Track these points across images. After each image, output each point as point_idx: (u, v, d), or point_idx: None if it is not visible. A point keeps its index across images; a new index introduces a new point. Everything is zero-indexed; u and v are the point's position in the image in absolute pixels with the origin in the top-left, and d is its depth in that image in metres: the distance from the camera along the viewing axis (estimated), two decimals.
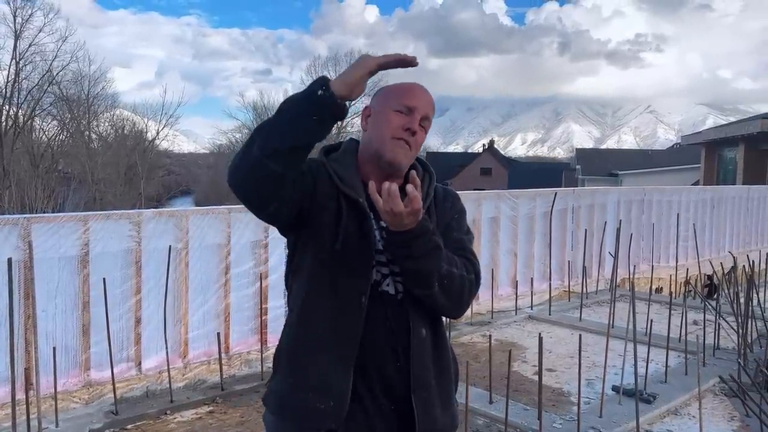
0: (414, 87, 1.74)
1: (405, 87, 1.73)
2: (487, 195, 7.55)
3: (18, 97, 33.60)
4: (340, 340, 1.65)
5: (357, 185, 1.70)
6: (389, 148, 1.68)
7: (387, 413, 1.68)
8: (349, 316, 1.64)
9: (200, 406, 4.45)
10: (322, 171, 1.71)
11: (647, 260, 8.90)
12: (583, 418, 4.07)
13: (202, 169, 53.56)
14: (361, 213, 1.67)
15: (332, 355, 1.65)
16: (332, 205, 1.67)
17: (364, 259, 1.66)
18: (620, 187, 14.90)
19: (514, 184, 41.64)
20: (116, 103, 42.95)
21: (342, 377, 1.64)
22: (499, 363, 4.71)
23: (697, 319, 6.23)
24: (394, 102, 1.70)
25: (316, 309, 1.68)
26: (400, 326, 1.68)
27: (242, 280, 5.11)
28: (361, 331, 1.64)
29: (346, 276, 1.65)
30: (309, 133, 1.51)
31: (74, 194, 32.20)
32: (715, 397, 4.82)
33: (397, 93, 1.72)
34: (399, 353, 1.67)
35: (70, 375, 4.31)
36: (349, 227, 1.66)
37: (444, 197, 1.83)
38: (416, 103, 1.69)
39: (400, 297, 1.69)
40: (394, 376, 1.67)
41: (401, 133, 1.67)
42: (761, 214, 11.86)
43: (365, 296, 1.65)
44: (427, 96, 1.74)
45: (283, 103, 1.56)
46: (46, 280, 4.17)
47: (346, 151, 1.79)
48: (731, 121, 28.50)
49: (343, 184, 1.69)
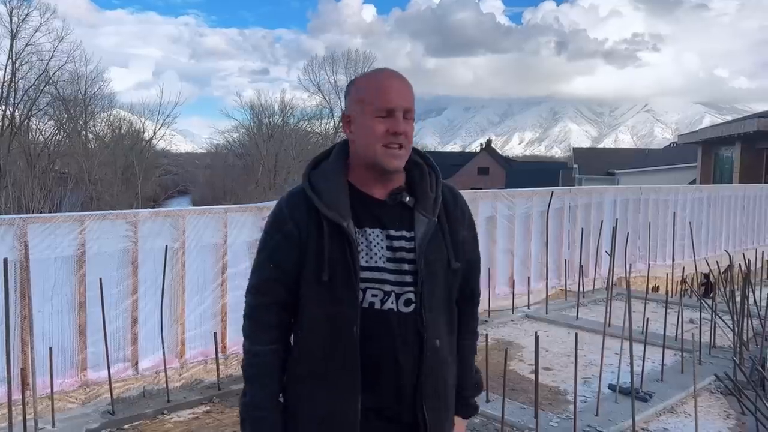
0: (386, 84, 1.66)
1: (378, 87, 1.65)
2: (485, 194, 7.56)
3: (14, 97, 33.57)
4: (340, 372, 1.62)
5: (342, 204, 1.63)
6: (383, 158, 1.63)
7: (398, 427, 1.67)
8: (343, 348, 1.61)
9: (197, 406, 4.45)
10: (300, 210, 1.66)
11: (644, 259, 8.91)
12: (579, 416, 4.07)
13: (199, 169, 53.44)
14: (346, 238, 1.61)
15: (334, 386, 1.63)
16: (315, 233, 1.62)
17: (350, 287, 1.61)
18: (617, 187, 14.92)
19: (511, 184, 41.69)
20: (113, 103, 42.97)
21: (349, 407, 1.62)
22: (495, 362, 4.71)
23: (693, 318, 6.24)
24: (370, 107, 1.63)
25: (314, 343, 1.66)
26: (411, 339, 1.64)
27: (239, 279, 5.10)
28: (359, 359, 1.61)
29: (336, 306, 1.62)
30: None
31: (71, 194, 32.11)
32: (711, 395, 4.83)
33: (371, 95, 1.65)
34: (411, 365, 1.64)
35: (66, 375, 4.31)
36: (334, 254, 1.61)
37: (454, 200, 1.77)
38: (394, 102, 1.63)
39: (409, 311, 1.64)
40: (407, 388, 1.64)
41: (389, 139, 1.62)
42: (757, 213, 11.89)
43: (356, 326, 1.60)
44: (401, 86, 1.67)
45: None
46: (42, 280, 4.16)
47: (337, 160, 1.72)
48: (728, 120, 28.55)
49: (328, 209, 1.62)
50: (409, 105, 1.66)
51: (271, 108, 50.76)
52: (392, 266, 1.64)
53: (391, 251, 1.65)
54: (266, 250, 1.71)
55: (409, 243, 1.65)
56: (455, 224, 1.74)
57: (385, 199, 1.68)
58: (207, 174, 50.33)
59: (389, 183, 1.69)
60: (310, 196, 1.65)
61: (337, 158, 1.72)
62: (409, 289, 1.64)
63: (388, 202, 1.67)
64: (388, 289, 1.64)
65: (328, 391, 1.63)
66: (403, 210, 1.68)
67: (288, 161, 44.19)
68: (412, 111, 1.67)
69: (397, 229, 1.66)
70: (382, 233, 1.65)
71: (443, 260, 1.67)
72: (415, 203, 1.68)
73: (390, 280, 1.64)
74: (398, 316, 1.63)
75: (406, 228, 1.66)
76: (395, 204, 1.67)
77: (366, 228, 1.64)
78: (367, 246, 1.64)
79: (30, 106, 34.26)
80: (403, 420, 1.66)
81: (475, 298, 1.89)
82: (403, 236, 1.66)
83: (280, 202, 1.73)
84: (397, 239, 1.65)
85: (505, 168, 55.02)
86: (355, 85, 1.72)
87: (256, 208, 5.26)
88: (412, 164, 1.74)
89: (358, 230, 1.63)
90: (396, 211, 1.67)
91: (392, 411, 1.65)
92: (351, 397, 1.61)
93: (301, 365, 1.69)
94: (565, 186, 16.51)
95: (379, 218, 1.66)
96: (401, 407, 1.65)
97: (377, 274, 1.63)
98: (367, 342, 1.61)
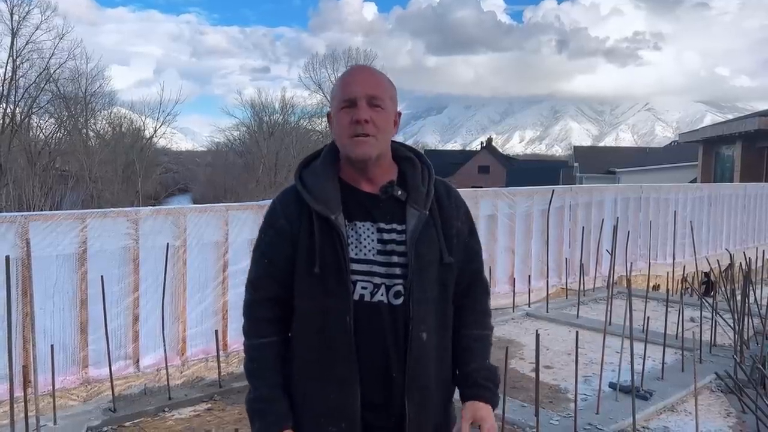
0: (350, 75, 1.70)
1: (343, 80, 1.69)
2: (485, 193, 7.57)
3: (15, 94, 33.53)
4: (337, 363, 1.64)
5: (331, 198, 1.65)
6: (350, 149, 1.65)
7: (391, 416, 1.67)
8: (339, 340, 1.63)
9: (198, 404, 4.46)
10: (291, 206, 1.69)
11: (644, 258, 8.92)
12: (580, 414, 4.08)
13: (200, 167, 53.40)
14: (335, 231, 1.63)
15: (333, 379, 1.64)
16: (306, 227, 1.65)
17: (341, 279, 1.63)
18: (618, 185, 14.91)
19: (512, 182, 41.65)
20: (114, 101, 42.90)
21: (348, 397, 1.64)
22: (496, 360, 4.69)
23: (694, 317, 6.25)
24: (336, 101, 1.67)
25: (310, 337, 1.67)
26: (401, 331, 1.65)
27: (240, 277, 5.10)
28: (354, 350, 1.62)
29: (328, 298, 1.63)
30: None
31: (71, 192, 32.10)
32: (712, 394, 4.84)
33: (337, 90, 1.69)
34: (400, 357, 1.65)
35: (68, 372, 4.32)
36: (325, 247, 1.63)
37: (447, 194, 1.77)
38: (355, 91, 1.64)
39: (399, 303, 1.65)
40: (397, 379, 1.66)
41: (352, 129, 1.63)
42: (758, 212, 11.89)
43: (350, 316, 1.62)
44: (365, 75, 1.69)
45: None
46: (44, 277, 4.17)
47: (326, 158, 1.74)
48: (729, 118, 28.53)
49: (316, 202, 1.65)
50: (373, 92, 1.65)
51: (271, 106, 50.76)
52: (382, 258, 1.66)
53: (382, 244, 1.66)
54: (260, 246, 1.76)
55: (399, 236, 1.66)
56: (449, 219, 1.73)
57: (377, 193, 1.69)
58: (207, 172, 50.28)
59: (377, 177, 1.70)
60: (300, 191, 1.69)
61: (327, 156, 1.74)
62: (399, 282, 1.65)
63: (380, 196, 1.69)
64: (377, 282, 1.65)
65: (328, 384, 1.64)
66: (395, 204, 1.69)
67: (289, 159, 44.16)
68: (380, 98, 1.66)
69: (387, 223, 1.67)
70: (372, 226, 1.67)
71: (435, 254, 1.68)
72: (407, 197, 1.69)
73: (380, 272, 1.65)
74: (388, 308, 1.65)
75: (397, 221, 1.68)
76: (387, 198, 1.69)
77: (356, 221, 1.67)
78: (356, 239, 1.66)
79: (31, 103, 34.24)
80: (393, 412, 1.67)
81: (477, 288, 1.83)
82: (393, 229, 1.67)
83: (274, 200, 1.79)
84: (387, 232, 1.67)
85: (506, 166, 55.00)
86: (335, 83, 1.77)
87: (257, 206, 5.27)
88: (404, 159, 1.76)
89: (348, 223, 1.66)
90: (387, 204, 1.69)
91: (383, 403, 1.67)
92: (349, 389, 1.63)
93: (299, 360, 1.70)
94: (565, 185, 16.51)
95: (369, 212, 1.67)
96: (391, 399, 1.66)
97: (366, 267, 1.65)
98: (358, 334, 1.63)
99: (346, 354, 1.62)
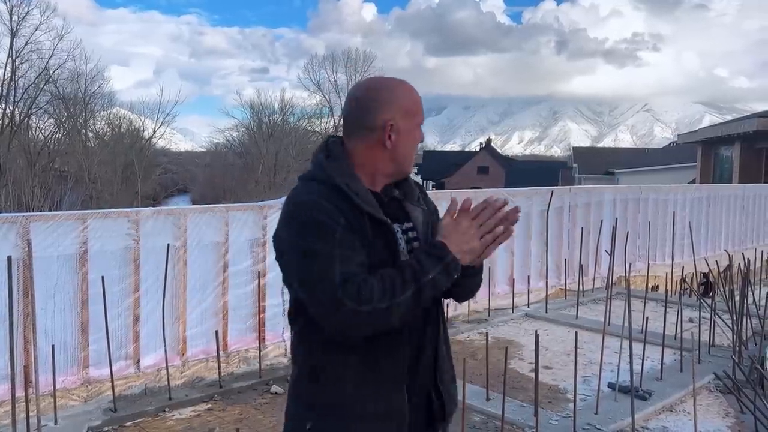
0: (418, 97, 1.76)
1: (415, 100, 1.74)
2: (485, 194, 7.58)
3: (14, 95, 33.59)
4: (387, 360, 1.65)
5: (371, 200, 1.65)
6: (409, 166, 1.76)
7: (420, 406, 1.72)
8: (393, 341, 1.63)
9: (198, 404, 4.47)
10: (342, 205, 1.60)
11: (643, 258, 8.93)
12: (579, 414, 4.10)
13: (199, 168, 53.38)
14: (388, 231, 1.65)
15: (383, 375, 1.66)
16: (359, 228, 1.60)
17: None
18: (617, 186, 14.92)
19: (511, 183, 41.71)
20: (113, 102, 43.00)
21: (400, 398, 1.67)
22: (495, 360, 4.73)
23: (693, 317, 6.26)
24: (415, 117, 1.73)
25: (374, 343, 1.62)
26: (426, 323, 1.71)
27: (240, 278, 5.12)
28: (406, 346, 1.67)
29: None
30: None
31: (71, 193, 32.12)
32: (710, 394, 4.85)
33: (414, 108, 1.73)
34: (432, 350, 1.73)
35: (68, 373, 4.33)
36: (377, 247, 1.62)
37: (423, 193, 1.87)
38: (422, 116, 1.78)
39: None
40: (428, 371, 1.72)
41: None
42: (757, 213, 11.90)
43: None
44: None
45: (418, 282, 1.54)
46: (44, 278, 4.18)
47: (340, 159, 1.69)
48: (728, 119, 28.56)
49: (366, 204, 1.62)
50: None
51: (271, 107, 50.82)
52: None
53: (408, 243, 1.72)
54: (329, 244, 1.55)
55: (412, 233, 1.74)
56: (436, 213, 1.84)
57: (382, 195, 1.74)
58: (207, 173, 50.28)
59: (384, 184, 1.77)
60: (349, 194, 1.61)
61: (343, 156, 1.70)
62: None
63: (383, 199, 1.73)
64: None
65: (378, 380, 1.66)
66: (396, 204, 1.76)
67: (288, 160, 44.20)
68: None
69: (401, 222, 1.73)
70: (399, 227, 1.72)
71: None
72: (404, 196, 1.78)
73: None
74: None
75: (406, 220, 1.75)
76: (390, 199, 1.75)
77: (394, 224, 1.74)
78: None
79: (30, 104, 34.26)
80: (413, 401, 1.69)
81: None
82: (409, 228, 1.74)
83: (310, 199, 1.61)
84: (405, 231, 1.73)
85: (505, 167, 55.01)
86: (394, 93, 1.70)
87: (257, 207, 5.28)
88: None
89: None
90: (392, 205, 1.75)
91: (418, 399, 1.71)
92: (400, 389, 1.67)
93: (348, 362, 1.65)
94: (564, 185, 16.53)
95: (391, 214, 1.71)
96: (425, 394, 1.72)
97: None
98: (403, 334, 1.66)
99: (404, 355, 1.67)
